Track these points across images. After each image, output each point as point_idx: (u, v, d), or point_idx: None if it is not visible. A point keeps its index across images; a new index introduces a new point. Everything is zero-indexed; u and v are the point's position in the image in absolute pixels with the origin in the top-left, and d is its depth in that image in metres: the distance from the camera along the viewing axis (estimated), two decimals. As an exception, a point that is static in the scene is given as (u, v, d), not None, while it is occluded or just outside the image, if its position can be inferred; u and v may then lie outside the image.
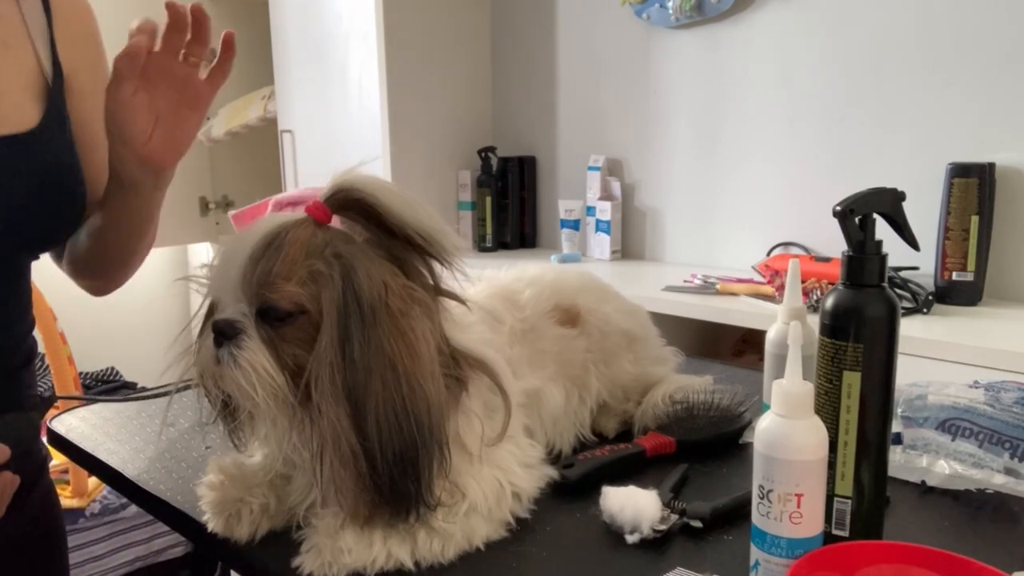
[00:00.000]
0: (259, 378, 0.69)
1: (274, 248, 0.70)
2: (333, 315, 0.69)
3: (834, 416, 0.71)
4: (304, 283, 0.69)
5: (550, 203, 2.63)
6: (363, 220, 0.74)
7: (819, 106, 2.00)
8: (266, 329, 0.70)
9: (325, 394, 0.68)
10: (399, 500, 0.70)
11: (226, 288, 0.72)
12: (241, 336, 0.70)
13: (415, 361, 0.70)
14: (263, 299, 0.70)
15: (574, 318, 1.00)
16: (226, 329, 0.70)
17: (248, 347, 0.69)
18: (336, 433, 0.67)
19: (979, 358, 1.38)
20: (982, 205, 1.67)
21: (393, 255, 0.73)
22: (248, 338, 0.70)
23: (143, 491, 0.92)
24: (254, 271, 0.69)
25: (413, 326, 0.71)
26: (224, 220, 3.07)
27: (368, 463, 0.68)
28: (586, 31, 2.46)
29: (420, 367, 0.70)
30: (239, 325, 0.70)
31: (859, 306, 0.69)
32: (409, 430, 0.69)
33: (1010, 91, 1.70)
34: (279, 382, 0.69)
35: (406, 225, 0.72)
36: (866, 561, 0.64)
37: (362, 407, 0.68)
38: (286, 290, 0.69)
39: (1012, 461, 0.85)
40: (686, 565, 0.71)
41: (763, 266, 1.87)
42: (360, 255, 0.71)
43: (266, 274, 0.69)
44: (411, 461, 0.69)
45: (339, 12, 2.51)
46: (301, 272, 0.69)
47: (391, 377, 0.68)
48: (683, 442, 0.96)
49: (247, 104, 2.93)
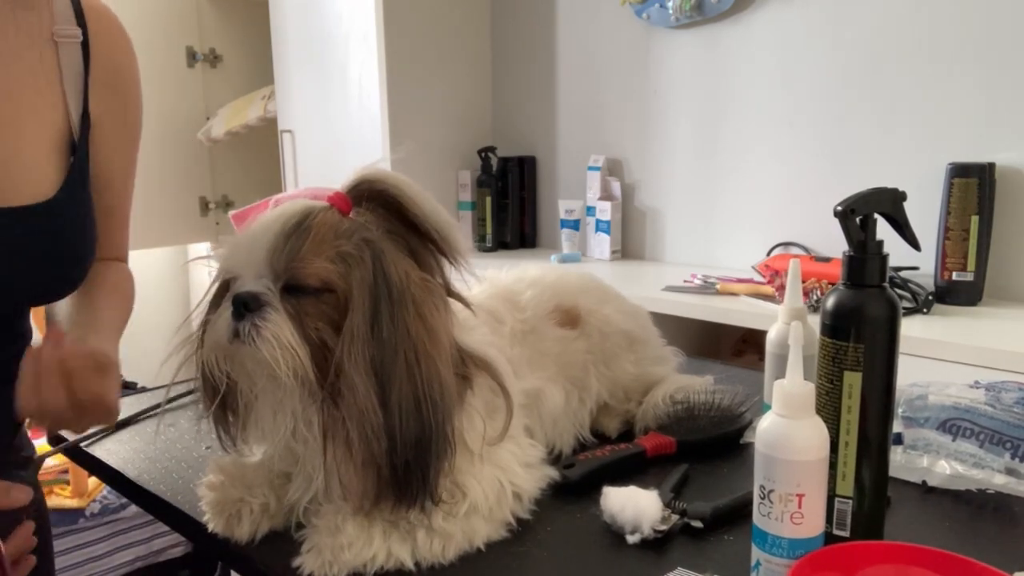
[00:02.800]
0: (283, 351, 0.68)
1: (303, 228, 0.70)
2: (364, 294, 0.69)
3: (835, 416, 0.71)
4: (334, 261, 0.70)
5: (550, 203, 2.63)
6: (383, 212, 0.74)
7: (819, 106, 2.00)
8: (291, 303, 0.70)
9: (357, 368, 0.68)
10: (409, 485, 0.70)
11: (248, 264, 0.72)
12: (266, 308, 0.69)
13: (436, 347, 0.71)
14: (292, 274, 0.70)
15: (575, 319, 1.00)
16: (250, 301, 0.69)
17: (273, 319, 0.69)
18: (363, 407, 0.68)
19: (979, 358, 1.38)
20: (982, 205, 1.67)
21: (410, 248, 0.75)
22: (273, 310, 0.69)
23: (143, 491, 0.92)
24: (283, 248, 0.70)
25: (433, 314, 0.73)
26: (224, 220, 3.07)
27: (389, 441, 0.68)
28: (586, 31, 2.46)
29: (440, 352, 0.72)
30: (264, 297, 0.70)
31: (860, 306, 0.69)
32: (426, 412, 0.70)
33: (1010, 91, 1.70)
34: (302, 356, 0.68)
35: (427, 219, 0.74)
36: (867, 561, 0.64)
37: (387, 385, 0.69)
38: (317, 266, 0.70)
39: (1013, 461, 0.84)
40: (687, 565, 0.71)
41: (763, 266, 1.87)
42: (386, 243, 0.72)
43: (296, 250, 0.70)
44: (426, 445, 0.70)
45: (339, 12, 2.51)
46: (330, 252, 0.70)
47: (413, 359, 0.70)
48: (684, 442, 0.96)
49: (247, 104, 2.93)
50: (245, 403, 0.76)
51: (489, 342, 0.83)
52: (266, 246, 0.71)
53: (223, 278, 0.76)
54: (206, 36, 3.05)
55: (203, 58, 3.04)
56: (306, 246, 0.70)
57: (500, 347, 0.86)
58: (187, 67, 3.02)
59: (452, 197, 2.68)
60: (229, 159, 3.15)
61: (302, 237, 0.70)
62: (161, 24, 2.91)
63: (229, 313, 0.70)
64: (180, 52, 3.00)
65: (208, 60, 3.06)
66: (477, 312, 0.84)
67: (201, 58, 3.04)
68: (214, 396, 0.75)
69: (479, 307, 0.85)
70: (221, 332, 0.71)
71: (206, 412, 0.77)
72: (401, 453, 0.69)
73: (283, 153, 2.81)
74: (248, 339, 0.69)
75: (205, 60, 3.05)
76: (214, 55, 3.08)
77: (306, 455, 0.75)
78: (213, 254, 0.76)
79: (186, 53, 3.01)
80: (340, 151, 2.59)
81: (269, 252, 0.70)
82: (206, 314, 0.75)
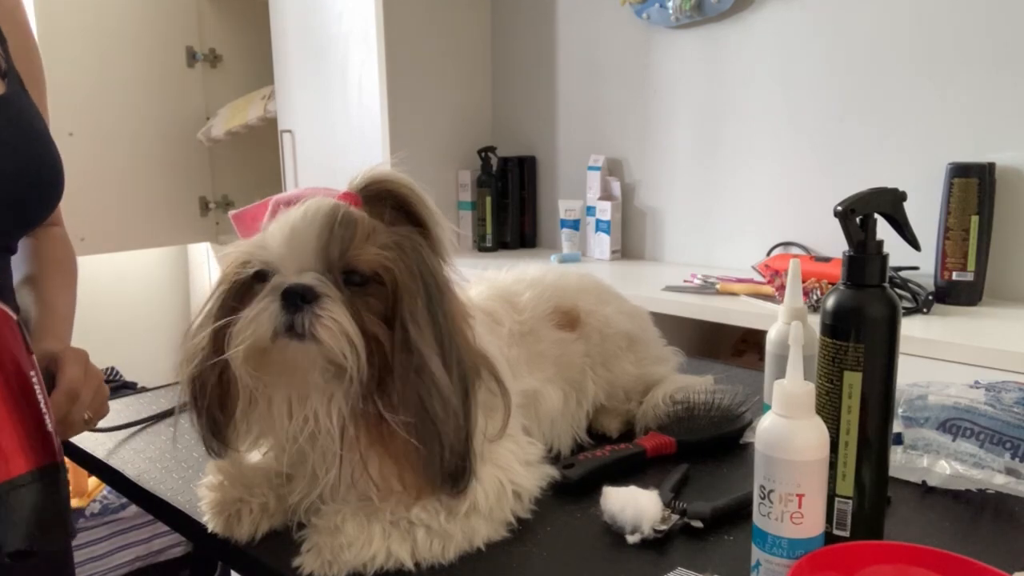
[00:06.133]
0: (347, 343, 0.67)
1: (349, 220, 0.71)
2: (417, 281, 0.71)
3: (835, 416, 0.71)
4: (387, 248, 0.71)
5: (550, 203, 2.63)
6: (391, 212, 0.75)
7: (819, 106, 2.00)
8: (345, 293, 0.70)
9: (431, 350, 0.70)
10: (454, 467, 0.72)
11: (291, 256, 0.70)
12: (324, 299, 0.68)
13: (470, 332, 0.76)
14: (347, 262, 0.70)
15: (574, 320, 1.00)
16: (305, 293, 0.68)
17: (334, 310, 0.68)
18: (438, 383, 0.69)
19: (979, 358, 1.38)
20: (982, 205, 1.67)
21: None
22: (332, 301, 0.68)
23: (143, 491, 0.92)
24: (334, 238, 0.70)
25: (459, 304, 0.77)
26: (224, 220, 3.07)
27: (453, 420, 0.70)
28: (586, 31, 2.46)
29: (470, 338, 0.76)
30: (319, 288, 0.69)
31: (860, 306, 0.69)
32: (465, 394, 0.72)
33: (1010, 91, 1.70)
34: (360, 344, 0.68)
35: (431, 217, 0.74)
36: (867, 561, 0.64)
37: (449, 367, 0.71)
38: (373, 253, 0.70)
39: (1013, 461, 0.84)
40: (687, 565, 0.71)
41: (763, 266, 1.87)
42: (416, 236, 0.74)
43: (348, 239, 0.70)
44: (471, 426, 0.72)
45: (339, 12, 2.51)
46: (379, 241, 0.71)
47: (459, 343, 0.73)
48: (684, 442, 0.96)
49: (247, 104, 2.93)
50: (248, 402, 0.74)
51: (487, 342, 0.83)
52: (314, 236, 0.70)
53: (250, 273, 0.72)
54: (206, 36, 3.05)
55: (203, 58, 3.04)
56: (358, 235, 0.70)
57: (497, 347, 0.86)
58: (187, 67, 3.02)
59: (452, 197, 2.68)
60: (229, 159, 3.15)
61: (351, 227, 0.70)
62: (161, 24, 2.91)
63: (276, 306, 0.68)
64: (180, 52, 3.00)
65: (208, 60, 3.06)
66: (475, 313, 0.84)
67: (201, 58, 3.03)
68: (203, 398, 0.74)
69: (477, 308, 0.85)
70: (266, 326, 0.68)
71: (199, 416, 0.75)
72: (455, 434, 0.71)
73: (283, 153, 2.81)
74: (308, 332, 0.67)
75: (205, 60, 3.05)
76: (214, 55, 3.07)
77: (317, 453, 0.74)
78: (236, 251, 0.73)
79: (186, 53, 3.01)
80: (340, 151, 2.59)
81: (319, 242, 0.70)
82: (218, 316, 0.73)
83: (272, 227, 0.72)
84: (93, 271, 3.01)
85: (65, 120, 2.68)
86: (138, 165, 2.91)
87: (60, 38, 2.64)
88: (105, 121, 2.80)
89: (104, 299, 3.06)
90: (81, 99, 2.72)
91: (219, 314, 0.73)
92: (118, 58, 2.80)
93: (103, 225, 2.81)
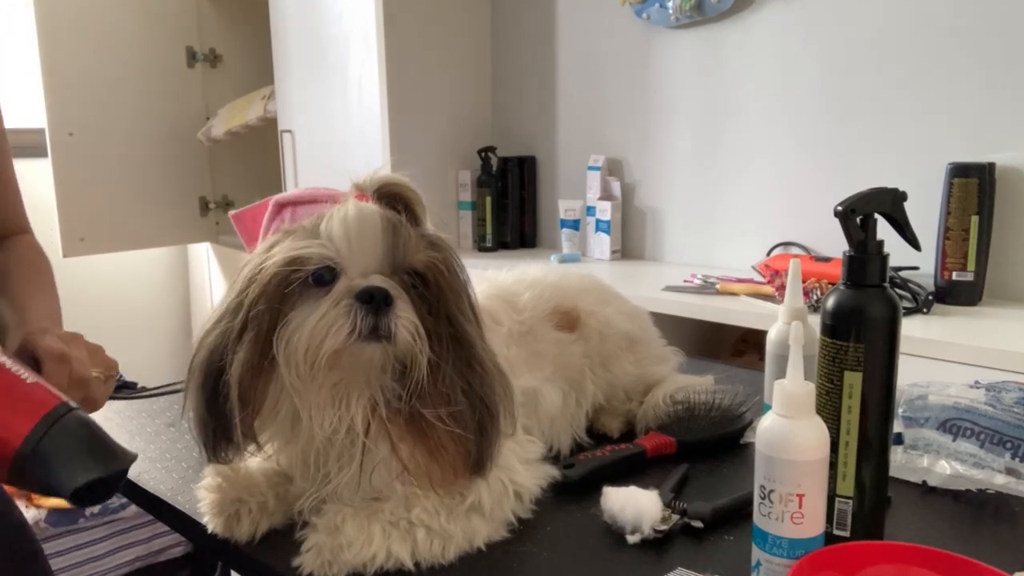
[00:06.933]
0: (421, 344, 0.70)
1: (400, 223, 0.72)
2: (459, 279, 0.75)
3: (835, 416, 0.71)
4: (434, 249, 0.74)
5: (550, 203, 2.63)
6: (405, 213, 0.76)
7: (819, 106, 2.00)
8: (412, 294, 0.72)
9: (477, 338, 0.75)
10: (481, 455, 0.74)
11: (358, 257, 0.70)
12: (398, 302, 0.70)
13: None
14: (411, 264, 0.72)
15: (574, 321, 1.00)
16: (382, 295, 0.69)
17: (409, 313, 0.70)
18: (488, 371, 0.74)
19: (979, 358, 1.38)
20: (982, 205, 1.67)
21: None
22: (405, 303, 0.70)
23: (143, 491, 0.92)
24: (395, 240, 0.71)
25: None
26: (224, 220, 3.07)
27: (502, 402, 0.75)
28: (586, 31, 2.46)
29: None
30: (394, 291, 0.70)
31: (860, 306, 0.69)
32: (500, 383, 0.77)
33: (1010, 91, 1.70)
34: (425, 343, 0.71)
35: (427, 217, 0.76)
36: (867, 561, 0.64)
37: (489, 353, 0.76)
38: (428, 255, 0.73)
39: (1013, 461, 0.85)
40: (687, 565, 0.71)
41: (763, 266, 1.87)
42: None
43: (407, 242, 0.72)
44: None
45: (339, 12, 2.51)
46: (426, 242, 0.74)
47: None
48: (684, 442, 0.96)
49: (247, 104, 2.93)
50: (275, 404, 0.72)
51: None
52: (379, 239, 0.71)
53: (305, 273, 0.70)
54: (206, 36, 3.05)
55: (203, 58, 3.04)
56: (412, 238, 0.72)
57: (496, 347, 0.86)
58: (187, 67, 3.02)
59: (452, 197, 2.68)
60: (229, 159, 3.15)
61: (405, 230, 0.72)
62: (161, 24, 2.91)
63: (356, 309, 0.68)
64: (180, 52, 3.00)
65: (208, 60, 3.06)
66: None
67: (201, 58, 3.03)
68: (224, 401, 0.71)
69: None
70: (346, 328, 0.68)
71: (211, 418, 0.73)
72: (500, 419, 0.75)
73: (283, 153, 2.81)
74: (392, 334, 0.69)
75: (205, 60, 3.05)
76: (214, 55, 3.08)
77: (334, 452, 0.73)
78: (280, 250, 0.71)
79: (186, 53, 3.01)
80: (340, 151, 2.59)
81: (384, 245, 0.71)
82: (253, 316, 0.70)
83: (333, 228, 0.71)
84: (93, 271, 3.01)
85: (65, 120, 2.68)
86: (138, 165, 2.91)
87: (60, 38, 2.64)
88: (105, 121, 2.79)
89: (104, 299, 3.06)
90: (81, 99, 2.72)
91: (257, 315, 0.70)
92: (118, 58, 2.79)
93: (103, 225, 2.80)
